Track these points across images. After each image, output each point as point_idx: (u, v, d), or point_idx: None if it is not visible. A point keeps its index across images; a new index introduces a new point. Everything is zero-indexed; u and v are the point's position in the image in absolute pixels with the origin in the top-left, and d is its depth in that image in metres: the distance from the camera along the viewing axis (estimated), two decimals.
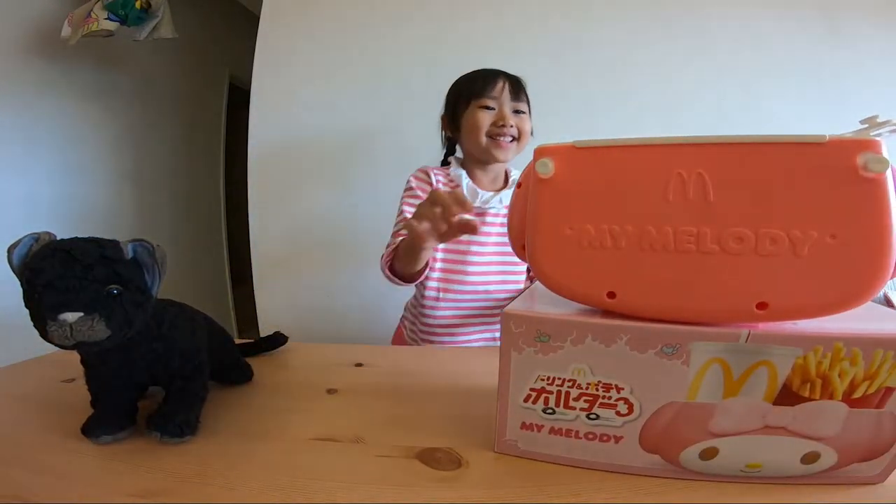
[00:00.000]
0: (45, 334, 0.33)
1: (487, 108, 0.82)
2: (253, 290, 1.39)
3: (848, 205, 0.27)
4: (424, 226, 0.54)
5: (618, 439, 0.34)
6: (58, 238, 0.36)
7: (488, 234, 0.85)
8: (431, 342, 0.87)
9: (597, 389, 0.33)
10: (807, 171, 0.28)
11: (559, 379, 0.33)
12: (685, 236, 0.30)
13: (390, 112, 1.35)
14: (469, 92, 0.85)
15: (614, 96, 1.32)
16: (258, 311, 1.40)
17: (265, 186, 1.38)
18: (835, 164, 0.27)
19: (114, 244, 0.35)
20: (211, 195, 2.48)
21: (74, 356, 0.39)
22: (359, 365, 0.59)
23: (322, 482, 0.34)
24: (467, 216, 0.53)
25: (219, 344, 0.51)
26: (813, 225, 0.28)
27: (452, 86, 0.91)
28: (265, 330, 1.33)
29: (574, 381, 0.33)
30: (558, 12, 1.31)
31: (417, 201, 0.82)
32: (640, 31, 1.32)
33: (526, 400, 0.35)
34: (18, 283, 0.34)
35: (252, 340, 0.65)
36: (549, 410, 0.35)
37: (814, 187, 0.28)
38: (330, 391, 0.51)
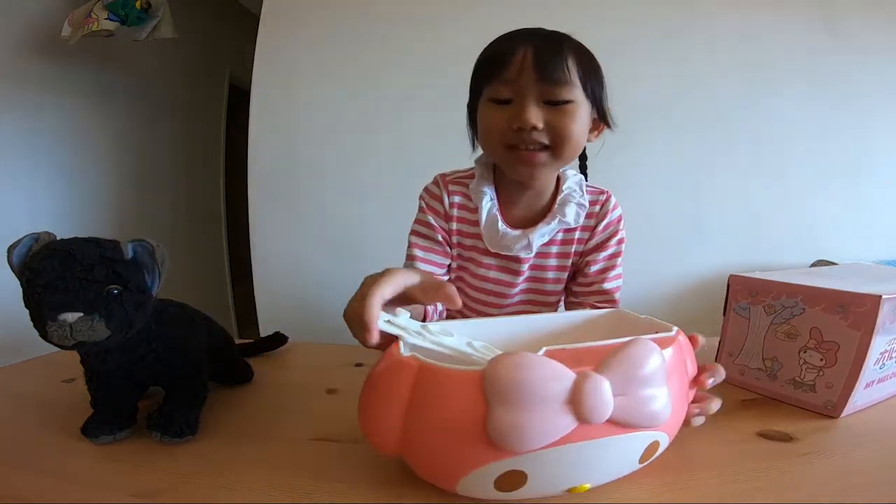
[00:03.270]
0: (45, 334, 0.33)
1: (501, 100, 0.53)
2: (253, 290, 1.39)
3: None
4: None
5: None
6: (58, 238, 0.36)
7: (512, 283, 0.64)
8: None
9: None
10: None
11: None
12: None
13: (390, 111, 1.35)
14: (479, 76, 0.56)
15: (614, 95, 1.32)
16: (258, 311, 1.40)
17: (265, 186, 1.38)
18: None
19: (114, 244, 0.35)
20: (211, 195, 2.48)
21: (74, 356, 0.39)
22: (359, 365, 0.59)
23: (322, 482, 0.34)
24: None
25: (219, 344, 0.51)
26: None
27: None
28: (265, 330, 1.33)
29: None
30: (559, 11, 1.31)
31: (424, 229, 0.64)
32: (639, 30, 1.32)
33: (875, 364, 0.41)
34: (18, 283, 0.34)
35: (252, 340, 0.65)
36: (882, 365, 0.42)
37: None
38: (330, 391, 0.51)
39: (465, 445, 0.27)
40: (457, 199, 0.63)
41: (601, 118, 0.59)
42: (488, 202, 0.61)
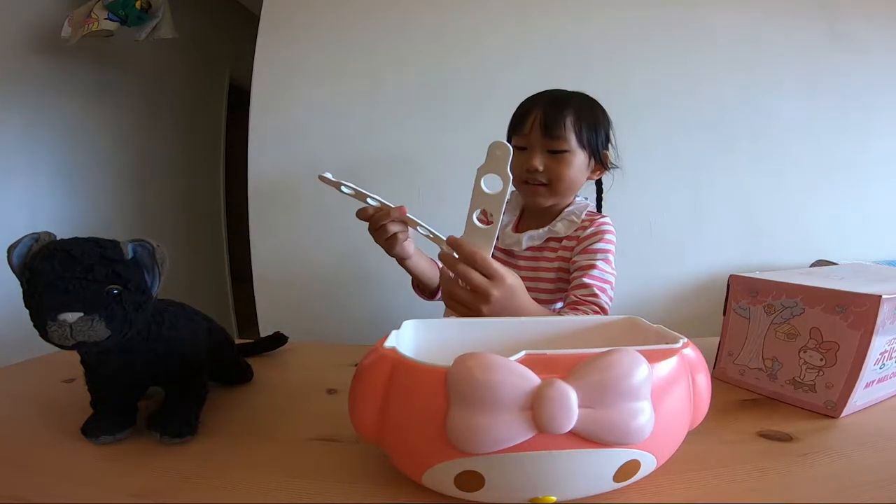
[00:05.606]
0: (45, 334, 0.33)
1: (520, 147, 0.73)
2: (253, 290, 1.39)
3: None
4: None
5: None
6: (58, 238, 0.36)
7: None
8: None
9: None
10: None
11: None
12: None
13: (391, 111, 1.35)
14: (510, 127, 0.77)
15: (613, 95, 1.32)
16: (258, 311, 1.39)
17: (265, 186, 1.37)
18: None
19: (114, 244, 0.35)
20: (211, 195, 2.48)
21: (74, 356, 0.39)
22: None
23: (322, 482, 0.34)
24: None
25: (219, 344, 0.51)
26: None
27: None
28: (265, 330, 1.33)
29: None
30: (559, 13, 1.31)
31: None
32: (639, 30, 1.32)
33: (875, 364, 0.42)
34: (18, 283, 0.34)
35: (252, 340, 0.65)
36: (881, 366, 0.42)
37: None
38: (330, 391, 0.51)
39: (428, 440, 0.27)
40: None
41: (599, 162, 0.77)
42: (506, 220, 0.84)
